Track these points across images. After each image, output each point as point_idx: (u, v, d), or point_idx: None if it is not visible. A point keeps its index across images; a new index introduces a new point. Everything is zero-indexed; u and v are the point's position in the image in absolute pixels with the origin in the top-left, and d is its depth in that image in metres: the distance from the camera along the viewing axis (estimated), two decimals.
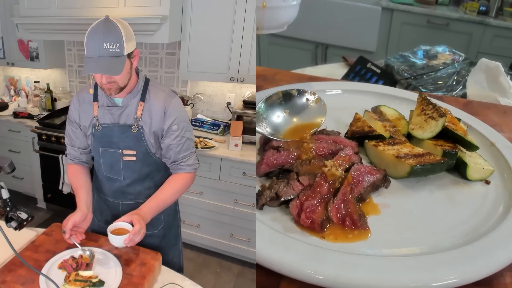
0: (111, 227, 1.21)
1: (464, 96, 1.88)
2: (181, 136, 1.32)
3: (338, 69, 2.34)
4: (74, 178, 1.39)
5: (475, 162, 1.11)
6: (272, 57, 4.21)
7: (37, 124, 2.91)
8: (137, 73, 1.31)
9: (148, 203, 1.30)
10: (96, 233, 1.34)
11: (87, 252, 1.19)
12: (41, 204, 3.20)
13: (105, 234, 1.24)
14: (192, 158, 1.37)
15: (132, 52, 1.22)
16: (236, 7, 2.37)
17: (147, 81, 1.33)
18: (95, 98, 1.32)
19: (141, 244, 1.22)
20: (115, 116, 1.31)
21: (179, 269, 1.59)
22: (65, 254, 1.20)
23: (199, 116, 2.88)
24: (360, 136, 1.21)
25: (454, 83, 1.95)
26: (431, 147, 1.14)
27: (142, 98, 1.29)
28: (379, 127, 1.22)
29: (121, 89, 1.24)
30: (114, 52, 1.15)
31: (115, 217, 1.38)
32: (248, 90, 2.73)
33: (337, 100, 1.48)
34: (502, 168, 1.14)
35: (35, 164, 3.02)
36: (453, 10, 3.83)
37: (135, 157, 1.33)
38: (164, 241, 1.47)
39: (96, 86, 1.31)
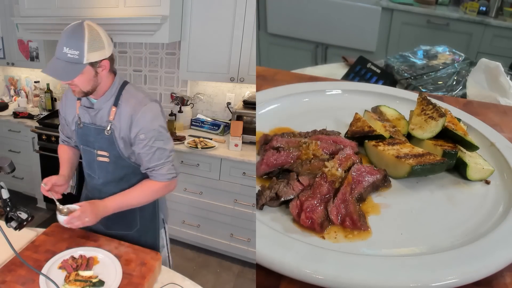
0: (64, 206, 1.27)
1: (464, 96, 1.88)
2: (149, 146, 1.28)
3: (338, 69, 2.33)
4: (61, 154, 1.48)
5: (475, 162, 1.11)
6: (272, 57, 4.21)
7: (37, 124, 2.91)
8: (115, 75, 1.30)
9: (113, 197, 1.31)
10: (95, 232, 1.34)
11: (65, 210, 1.24)
12: (41, 204, 3.20)
13: (93, 231, 1.32)
14: (166, 168, 1.32)
15: (98, 61, 1.20)
16: (236, 7, 2.37)
17: (123, 85, 1.31)
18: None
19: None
20: (91, 116, 1.32)
21: None
22: (65, 254, 1.20)
23: (199, 116, 2.88)
24: (360, 136, 1.21)
25: (454, 83, 1.95)
26: (431, 147, 1.14)
27: (115, 103, 1.28)
28: (379, 127, 1.22)
29: (86, 93, 1.24)
30: (71, 58, 1.14)
31: None
32: (248, 90, 2.73)
33: (337, 100, 1.48)
34: (502, 168, 1.14)
35: (35, 164, 3.02)
36: (453, 10, 3.83)
37: (108, 158, 1.34)
38: (139, 243, 1.41)
39: None
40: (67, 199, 3.12)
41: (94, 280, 1.10)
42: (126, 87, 1.31)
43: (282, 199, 0.97)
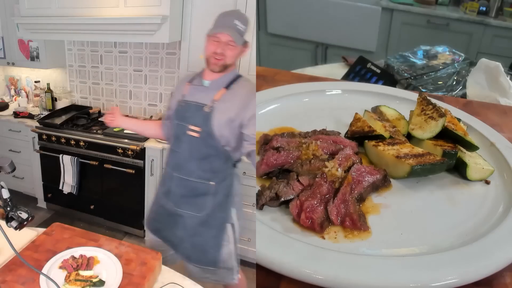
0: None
1: (464, 96, 1.88)
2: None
3: (338, 69, 2.33)
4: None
5: (475, 162, 1.11)
6: (272, 57, 4.21)
7: (37, 124, 2.91)
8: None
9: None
10: (96, 233, 1.34)
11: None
12: (42, 203, 3.20)
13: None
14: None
15: (247, 42, 1.41)
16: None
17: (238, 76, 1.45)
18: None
19: None
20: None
21: None
22: (66, 254, 1.20)
23: None
24: (360, 136, 1.21)
25: (454, 83, 1.95)
26: (431, 147, 1.14)
27: (228, 86, 1.41)
28: (379, 127, 1.22)
29: (225, 67, 1.39)
30: (240, 30, 1.38)
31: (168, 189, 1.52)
32: None
33: (337, 100, 1.48)
34: (502, 168, 1.14)
35: (36, 163, 3.02)
36: (453, 10, 3.83)
37: (198, 134, 1.41)
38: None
39: None
40: (69, 198, 3.10)
41: (94, 280, 1.10)
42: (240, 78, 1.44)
43: (282, 199, 0.97)
